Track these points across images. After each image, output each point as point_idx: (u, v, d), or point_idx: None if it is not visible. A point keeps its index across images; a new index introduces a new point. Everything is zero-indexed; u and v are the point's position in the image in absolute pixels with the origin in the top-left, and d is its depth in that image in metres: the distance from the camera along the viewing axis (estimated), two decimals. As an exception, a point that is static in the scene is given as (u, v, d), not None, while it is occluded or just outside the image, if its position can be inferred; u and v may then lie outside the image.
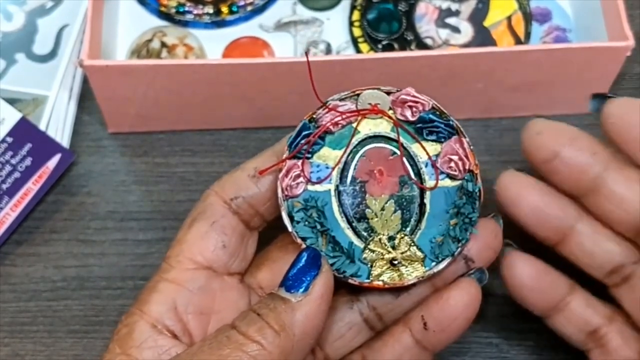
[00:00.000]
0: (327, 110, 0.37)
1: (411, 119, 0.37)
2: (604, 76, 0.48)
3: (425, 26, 0.51)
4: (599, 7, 0.49)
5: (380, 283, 0.36)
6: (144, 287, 0.36)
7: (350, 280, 0.36)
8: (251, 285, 0.38)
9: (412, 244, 0.36)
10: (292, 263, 0.34)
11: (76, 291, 0.45)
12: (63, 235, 0.47)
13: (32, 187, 0.46)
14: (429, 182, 0.37)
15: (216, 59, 0.50)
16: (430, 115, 0.37)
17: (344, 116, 0.37)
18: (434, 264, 0.36)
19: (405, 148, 0.37)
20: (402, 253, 0.36)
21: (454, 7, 0.52)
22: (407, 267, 0.36)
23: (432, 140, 0.37)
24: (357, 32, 0.51)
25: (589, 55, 0.46)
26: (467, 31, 0.51)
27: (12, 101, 0.48)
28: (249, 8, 0.52)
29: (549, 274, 0.38)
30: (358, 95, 0.37)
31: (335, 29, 0.52)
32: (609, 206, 0.36)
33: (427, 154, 0.37)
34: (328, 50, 0.51)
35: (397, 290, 0.37)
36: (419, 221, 0.37)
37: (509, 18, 0.52)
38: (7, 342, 0.44)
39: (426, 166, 0.37)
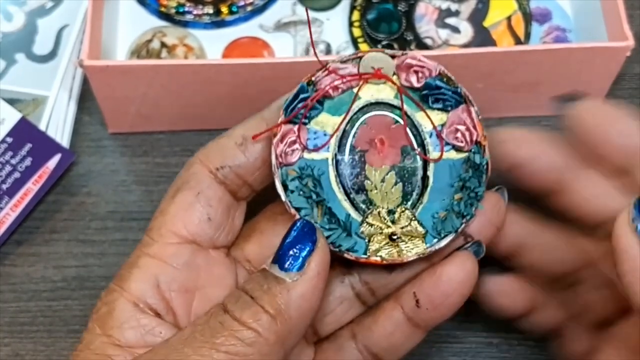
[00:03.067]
0: (326, 72, 0.35)
1: (416, 85, 0.35)
2: (604, 76, 0.48)
3: (425, 26, 0.52)
4: (599, 7, 0.49)
5: (378, 259, 0.34)
6: (124, 263, 0.35)
7: (346, 255, 0.34)
8: (237, 258, 0.37)
9: (413, 219, 0.35)
10: (284, 236, 0.32)
11: (76, 291, 0.45)
12: (63, 235, 0.47)
13: (32, 187, 0.46)
14: (433, 154, 0.35)
15: (216, 59, 0.50)
16: (437, 82, 0.35)
17: (344, 80, 0.35)
18: (435, 240, 0.34)
19: (408, 116, 0.35)
20: (402, 228, 0.35)
21: (454, 7, 0.52)
22: (406, 242, 0.34)
23: (438, 109, 0.35)
24: (357, 32, 0.51)
25: (589, 55, 0.46)
26: (467, 31, 0.51)
27: (12, 101, 0.48)
28: (249, 8, 0.52)
29: (523, 291, 0.39)
30: (360, 58, 0.35)
31: (335, 29, 0.52)
32: (576, 204, 0.37)
33: (432, 123, 0.35)
34: (328, 50, 0.51)
35: (393, 266, 0.35)
36: (421, 195, 0.35)
37: (508, 18, 0.52)
38: (7, 342, 0.44)
39: (430, 136, 0.35)
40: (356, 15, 0.52)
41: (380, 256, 0.34)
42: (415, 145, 0.35)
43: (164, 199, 0.35)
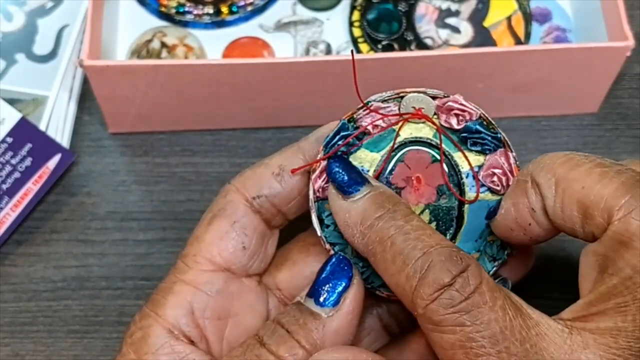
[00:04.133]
0: (368, 111, 0.35)
1: (456, 127, 0.35)
2: (604, 76, 0.48)
3: (425, 26, 0.51)
4: (599, 7, 0.49)
5: None
6: (158, 287, 0.35)
7: (377, 292, 0.34)
8: (269, 285, 0.37)
9: None
10: (319, 270, 0.33)
11: (76, 291, 0.45)
12: (63, 235, 0.47)
13: (32, 187, 0.46)
14: (469, 194, 0.35)
15: (216, 59, 0.50)
16: (477, 126, 0.35)
17: (385, 119, 0.35)
18: None
19: (446, 156, 0.35)
20: None
21: (454, 7, 0.52)
22: None
23: (476, 151, 0.35)
24: (357, 32, 0.51)
25: (589, 55, 0.46)
26: (467, 31, 0.51)
27: (12, 101, 0.48)
28: (249, 8, 0.52)
29: None
30: (402, 97, 0.35)
31: (335, 29, 0.52)
32: None
33: (470, 164, 0.35)
34: (328, 51, 0.51)
35: None
36: (454, 235, 0.35)
37: (509, 18, 0.52)
38: (7, 342, 0.44)
39: (467, 177, 0.35)
40: (356, 15, 0.52)
41: None
42: (452, 185, 0.35)
43: (199, 225, 0.36)
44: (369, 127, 0.35)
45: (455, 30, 0.52)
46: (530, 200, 0.32)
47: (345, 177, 0.33)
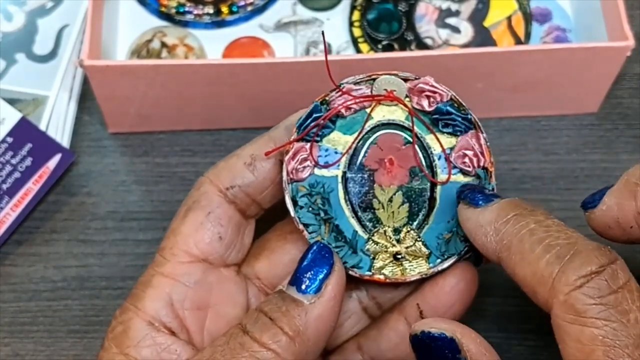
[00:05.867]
0: (340, 93, 0.36)
1: (427, 109, 0.36)
2: (604, 76, 0.48)
3: (425, 26, 0.51)
4: (599, 7, 0.49)
5: (382, 277, 0.35)
6: (138, 281, 0.35)
7: (350, 272, 0.35)
8: (248, 275, 0.37)
9: (418, 239, 0.35)
10: (301, 258, 0.33)
11: (76, 291, 0.45)
12: (63, 235, 0.47)
13: (32, 187, 0.46)
14: (441, 176, 0.36)
15: (216, 59, 0.50)
16: (448, 107, 0.36)
17: (357, 100, 0.36)
18: (439, 261, 0.35)
19: (418, 138, 0.36)
20: (406, 248, 0.35)
21: (454, 7, 0.52)
22: (410, 262, 0.35)
23: (448, 133, 0.36)
24: (357, 32, 0.51)
25: (589, 55, 0.46)
26: (467, 31, 0.51)
27: (12, 101, 0.48)
28: (249, 8, 0.52)
29: None
30: (374, 79, 0.36)
31: (335, 29, 0.52)
32: None
33: (441, 146, 0.36)
34: (328, 51, 0.51)
35: (397, 284, 0.36)
36: (427, 216, 0.36)
37: (509, 18, 0.52)
38: (7, 342, 0.44)
39: (439, 159, 0.36)
40: (356, 15, 0.52)
41: (384, 274, 0.35)
42: (424, 167, 0.36)
43: (174, 218, 0.36)
44: (342, 110, 0.36)
45: (455, 30, 0.52)
46: (638, 204, 0.31)
47: (479, 195, 0.33)
